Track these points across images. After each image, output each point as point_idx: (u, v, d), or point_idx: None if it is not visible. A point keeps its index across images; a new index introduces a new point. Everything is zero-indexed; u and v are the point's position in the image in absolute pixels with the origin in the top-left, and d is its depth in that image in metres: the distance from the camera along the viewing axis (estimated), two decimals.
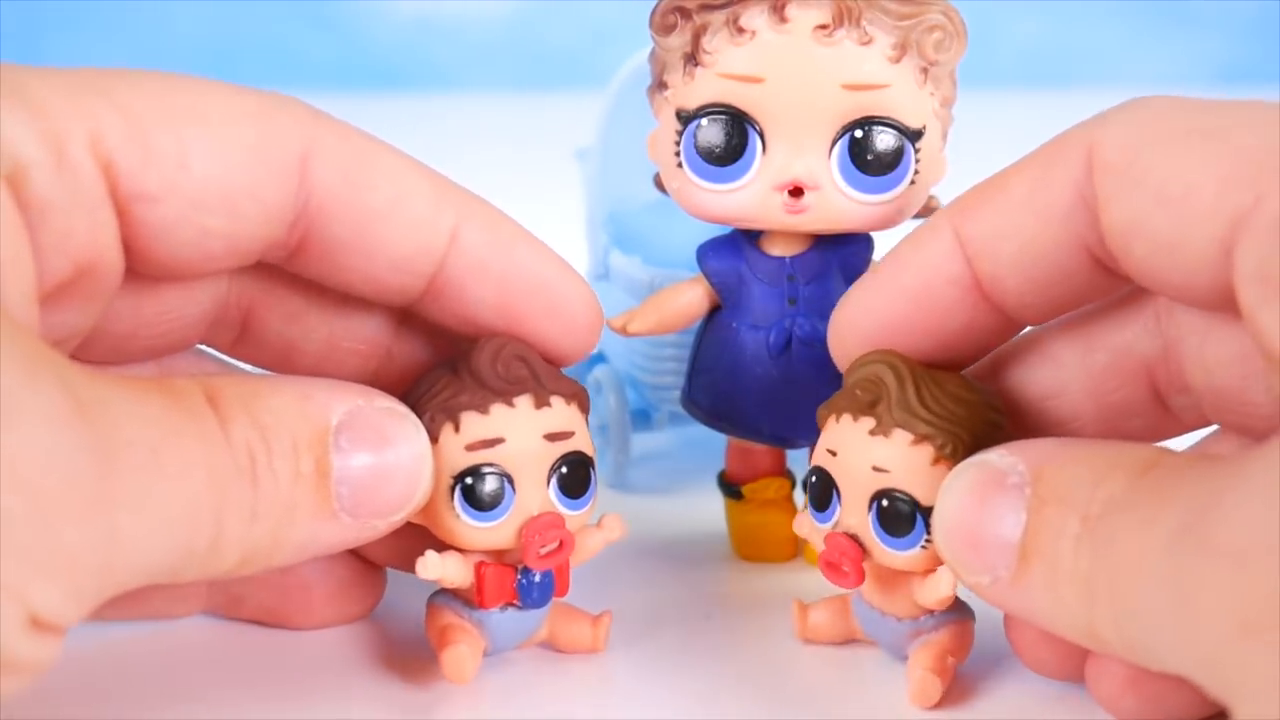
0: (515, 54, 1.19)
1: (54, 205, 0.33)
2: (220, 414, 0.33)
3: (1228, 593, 0.29)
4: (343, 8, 1.19)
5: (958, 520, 0.35)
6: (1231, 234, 0.32)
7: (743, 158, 0.41)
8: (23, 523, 0.29)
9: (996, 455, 0.35)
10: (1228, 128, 0.33)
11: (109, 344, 0.38)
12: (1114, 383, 0.38)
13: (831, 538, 0.37)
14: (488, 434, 0.37)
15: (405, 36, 1.19)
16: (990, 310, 0.37)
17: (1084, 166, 0.34)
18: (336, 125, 0.37)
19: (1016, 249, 0.36)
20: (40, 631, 0.30)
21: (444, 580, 0.38)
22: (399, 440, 0.36)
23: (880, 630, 0.39)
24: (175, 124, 0.34)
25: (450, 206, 0.37)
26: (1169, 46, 1.18)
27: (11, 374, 0.30)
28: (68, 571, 0.30)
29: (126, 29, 1.17)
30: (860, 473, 0.37)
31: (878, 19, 0.40)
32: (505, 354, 0.37)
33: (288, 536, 0.34)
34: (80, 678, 0.38)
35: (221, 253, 0.36)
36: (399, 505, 0.36)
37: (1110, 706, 0.36)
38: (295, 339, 0.40)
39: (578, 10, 1.16)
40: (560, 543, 0.38)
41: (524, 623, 0.39)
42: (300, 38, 1.18)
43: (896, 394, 0.36)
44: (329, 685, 0.39)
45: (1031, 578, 0.33)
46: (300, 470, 0.34)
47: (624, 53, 0.53)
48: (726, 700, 0.38)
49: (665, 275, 0.49)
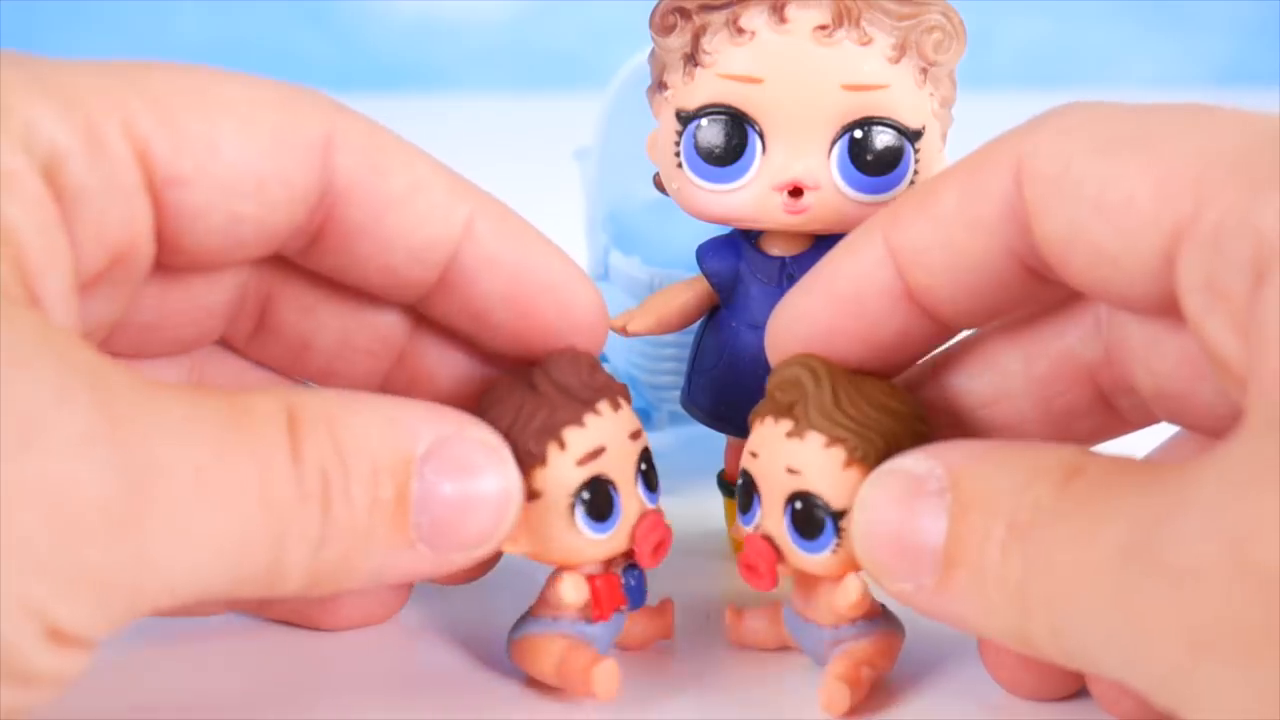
0: (515, 55, 1.19)
1: (90, 193, 0.33)
2: (297, 433, 0.32)
3: (1177, 612, 0.28)
4: (343, 8, 1.19)
5: (877, 527, 0.34)
6: (1173, 244, 0.31)
7: (742, 158, 0.41)
8: (42, 540, 0.29)
9: (913, 460, 0.34)
10: (1159, 134, 0.32)
11: (135, 336, 0.38)
12: (1058, 387, 0.38)
13: (749, 539, 0.38)
14: (591, 445, 0.37)
15: (405, 37, 1.19)
16: (923, 317, 0.37)
17: (1012, 177, 0.34)
18: (354, 114, 0.37)
19: (947, 259, 0.36)
20: (61, 644, 0.30)
21: (579, 601, 0.37)
22: (487, 472, 0.35)
23: (805, 637, 0.39)
24: (204, 110, 0.34)
25: (465, 198, 0.38)
26: (1169, 46, 1.18)
27: (43, 390, 0.29)
28: (92, 588, 0.30)
29: (126, 29, 1.17)
30: (776, 475, 0.37)
31: (877, 19, 0.40)
32: (583, 363, 0.37)
33: (361, 563, 0.33)
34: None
35: (250, 238, 0.36)
36: (482, 540, 0.35)
37: (1112, 708, 0.36)
38: (309, 333, 0.40)
39: (578, 10, 1.16)
40: (662, 537, 0.38)
41: (615, 626, 0.39)
42: (300, 38, 1.18)
43: (814, 396, 0.36)
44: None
45: (957, 584, 0.33)
46: (379, 497, 0.33)
47: (624, 53, 0.53)
48: (726, 700, 0.38)
49: (665, 275, 0.49)
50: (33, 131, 0.32)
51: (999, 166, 0.34)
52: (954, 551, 0.33)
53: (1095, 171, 0.33)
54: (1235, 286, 0.30)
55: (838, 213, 0.41)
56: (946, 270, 0.36)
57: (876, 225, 0.37)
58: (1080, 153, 0.33)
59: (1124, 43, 1.19)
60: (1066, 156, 0.33)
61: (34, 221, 0.32)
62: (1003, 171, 0.34)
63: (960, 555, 0.33)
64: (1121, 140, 0.33)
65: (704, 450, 0.52)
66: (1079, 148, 0.33)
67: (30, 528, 0.29)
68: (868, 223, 0.37)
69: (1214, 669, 0.28)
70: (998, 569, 0.32)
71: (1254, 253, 0.30)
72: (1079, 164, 0.33)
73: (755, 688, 0.39)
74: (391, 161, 0.37)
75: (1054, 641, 0.31)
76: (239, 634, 0.41)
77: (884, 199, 0.41)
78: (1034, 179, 0.34)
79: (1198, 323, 0.31)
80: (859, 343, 0.37)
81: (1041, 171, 0.33)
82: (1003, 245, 0.35)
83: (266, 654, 0.40)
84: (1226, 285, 0.30)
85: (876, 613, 0.38)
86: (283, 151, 0.35)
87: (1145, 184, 0.32)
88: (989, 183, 0.35)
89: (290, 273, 0.39)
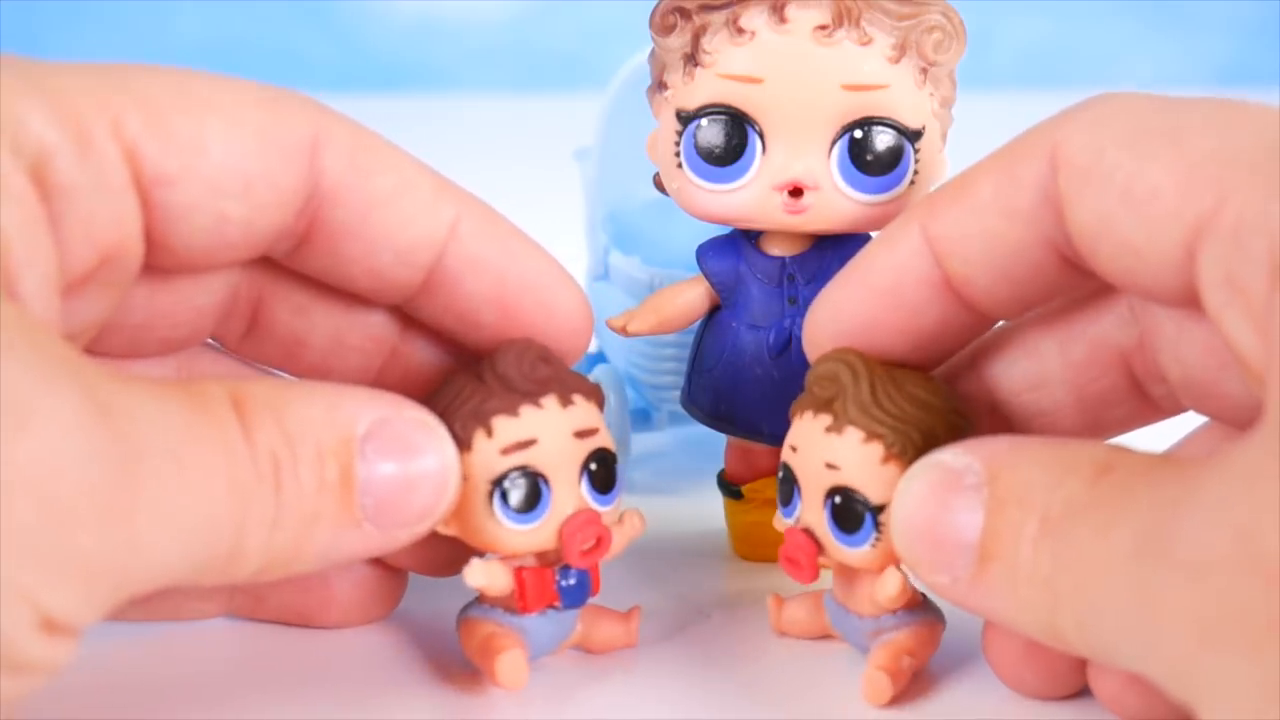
0: (515, 55, 1.18)
1: (79, 192, 0.33)
2: (245, 419, 0.33)
3: (1188, 604, 0.29)
4: (343, 8, 1.18)
5: (915, 520, 0.35)
6: (1194, 237, 0.32)
7: (742, 158, 0.41)
8: (36, 527, 0.29)
9: (951, 455, 0.35)
10: (1190, 128, 0.32)
11: (125, 336, 0.38)
12: (1093, 373, 0.38)
13: (790, 533, 0.38)
14: (520, 436, 0.37)
15: (406, 37, 1.19)
16: (961, 307, 0.37)
17: (1048, 166, 0.34)
18: (341, 117, 0.37)
19: (984, 248, 0.36)
20: (53, 633, 0.30)
21: (489, 587, 0.38)
22: (425, 451, 0.35)
23: (846, 627, 0.39)
24: (191, 111, 0.35)
25: (450, 200, 0.38)
26: (1169, 46, 1.18)
27: (30, 377, 0.30)
28: (82, 576, 0.30)
29: (126, 29, 1.17)
30: (816, 469, 0.37)
31: (877, 19, 0.40)
32: (529, 356, 0.37)
33: (310, 545, 0.34)
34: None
35: (237, 239, 0.36)
36: (423, 516, 0.36)
37: (1114, 706, 0.36)
38: (302, 333, 0.40)
39: (578, 11, 1.16)
40: (598, 539, 0.38)
41: (561, 625, 0.39)
42: (300, 38, 1.18)
43: (852, 391, 0.37)
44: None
45: (991, 578, 0.33)
46: (325, 479, 0.34)
47: (624, 53, 0.53)
48: (726, 700, 0.38)
49: (665, 275, 0.49)
50: (21, 131, 0.32)
51: (1035, 156, 0.35)
52: (989, 545, 0.33)
53: (1125, 163, 0.33)
54: (1254, 283, 0.30)
55: (838, 213, 0.41)
56: (983, 259, 0.36)
57: (914, 216, 0.37)
58: (1112, 144, 0.33)
59: (1124, 43, 1.19)
60: (1099, 147, 0.33)
61: (16, 219, 0.32)
62: (1038, 161, 0.35)
63: (995, 549, 0.33)
64: (1152, 133, 0.33)
65: (704, 450, 0.52)
66: (1111, 139, 0.33)
67: (26, 515, 0.29)
68: (904, 214, 0.38)
69: (1223, 660, 0.28)
70: (1029, 564, 0.32)
71: (1273, 249, 0.30)
72: (1110, 155, 0.33)
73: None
74: (377, 163, 0.37)
75: (1079, 635, 0.32)
76: (235, 636, 0.41)
77: (884, 199, 0.41)
78: (1068, 169, 0.34)
79: (1217, 317, 0.31)
80: (897, 334, 0.38)
81: (1075, 161, 0.34)
82: (1039, 234, 0.35)
83: (263, 655, 0.40)
84: (1245, 281, 0.31)
85: (917, 602, 0.38)
86: (270, 153, 0.35)
87: (1171, 177, 0.32)
88: (1025, 172, 0.35)
89: (281, 274, 0.39)
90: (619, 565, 0.45)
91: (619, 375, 0.52)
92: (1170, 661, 0.30)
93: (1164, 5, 1.19)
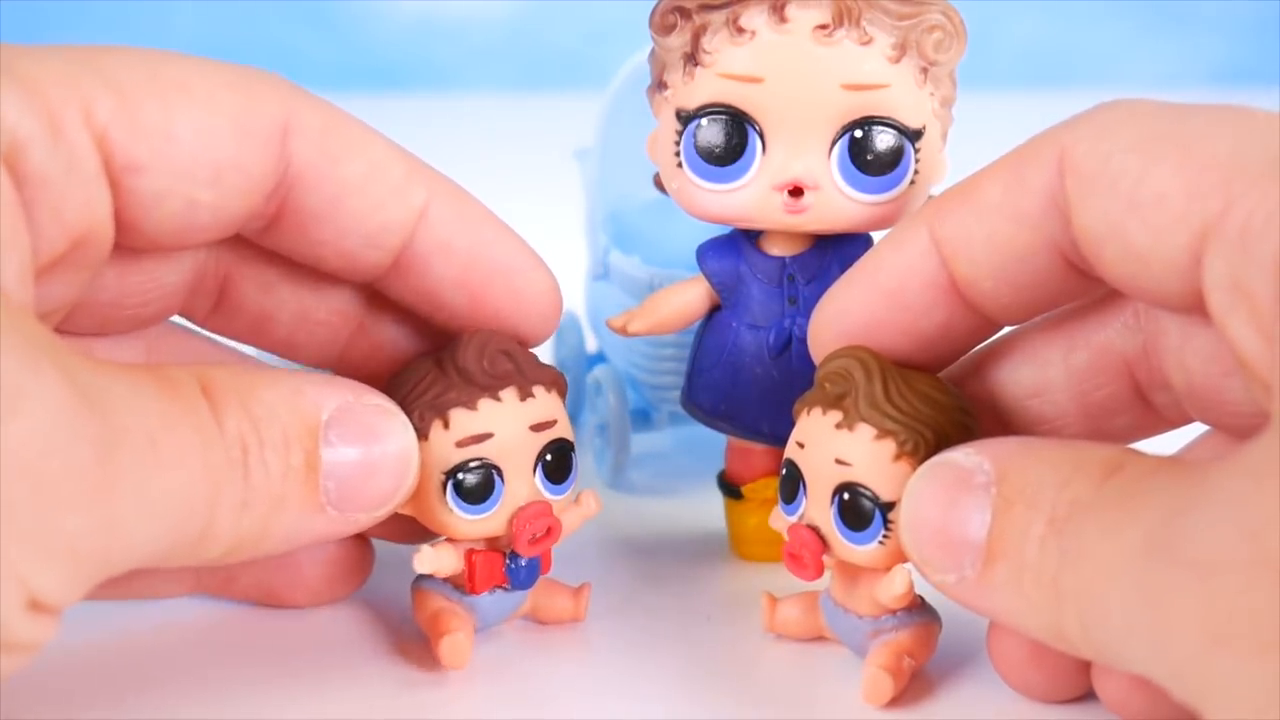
0: (515, 54, 1.18)
1: (51, 179, 0.34)
2: (214, 405, 0.34)
3: (1196, 605, 0.29)
4: (343, 8, 1.18)
5: (924, 518, 0.35)
6: (1200, 242, 0.32)
7: (742, 158, 0.41)
8: (25, 509, 0.30)
9: (962, 454, 0.35)
10: (1196, 134, 0.33)
11: (94, 314, 0.38)
12: (1096, 381, 0.38)
13: (794, 529, 0.38)
14: (477, 429, 0.38)
15: (406, 37, 1.18)
16: (967, 311, 0.37)
17: (1055, 171, 0.34)
18: (313, 99, 0.37)
19: (991, 252, 0.36)
20: (38, 613, 0.31)
21: (439, 571, 0.39)
22: (386, 436, 0.36)
23: (843, 627, 0.39)
24: (161, 96, 0.35)
25: (421, 184, 0.38)
26: (1169, 46, 1.18)
27: (18, 362, 0.30)
28: (67, 556, 0.31)
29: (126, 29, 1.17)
30: (824, 466, 0.37)
31: (877, 19, 0.40)
32: (490, 349, 0.38)
33: (276, 527, 0.35)
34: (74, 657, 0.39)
35: (207, 223, 0.36)
36: (384, 500, 0.37)
37: (1118, 709, 0.36)
38: (269, 309, 0.40)
39: (578, 10, 1.16)
40: (549, 529, 0.39)
41: (510, 600, 0.40)
42: (300, 38, 1.18)
43: (864, 389, 0.37)
44: (321, 664, 0.39)
45: (997, 577, 0.33)
46: (290, 463, 0.35)
47: (624, 53, 0.53)
48: (726, 701, 0.38)
49: (665, 275, 0.49)
50: None
51: (1043, 160, 0.35)
52: (996, 545, 0.33)
53: (1131, 168, 0.33)
54: (1260, 287, 0.30)
55: (838, 212, 0.41)
56: (990, 262, 0.36)
57: (921, 218, 0.37)
58: (1119, 149, 0.33)
59: (1124, 43, 1.19)
60: (1106, 152, 0.33)
61: None
62: (1046, 165, 0.35)
63: (1001, 549, 0.33)
64: (1159, 138, 0.33)
65: (704, 450, 0.52)
66: (1118, 144, 0.33)
67: (18, 496, 0.30)
68: (912, 216, 0.38)
69: (1230, 661, 0.28)
70: (1035, 564, 0.32)
71: (1279, 254, 0.30)
72: (1117, 160, 0.33)
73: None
74: (347, 147, 0.37)
75: (1084, 636, 0.32)
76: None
77: (884, 199, 0.41)
78: (1075, 173, 0.34)
79: (1222, 322, 0.31)
80: (902, 335, 0.38)
81: (1082, 166, 0.34)
82: (1045, 238, 0.35)
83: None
84: (1251, 285, 0.31)
85: (916, 604, 0.38)
86: (240, 139, 0.36)
87: (1177, 182, 0.32)
88: (1033, 176, 0.35)
89: (249, 251, 0.40)
90: (619, 565, 0.45)
91: (619, 375, 0.52)
92: (1176, 662, 0.29)
93: (1164, 5, 1.19)
